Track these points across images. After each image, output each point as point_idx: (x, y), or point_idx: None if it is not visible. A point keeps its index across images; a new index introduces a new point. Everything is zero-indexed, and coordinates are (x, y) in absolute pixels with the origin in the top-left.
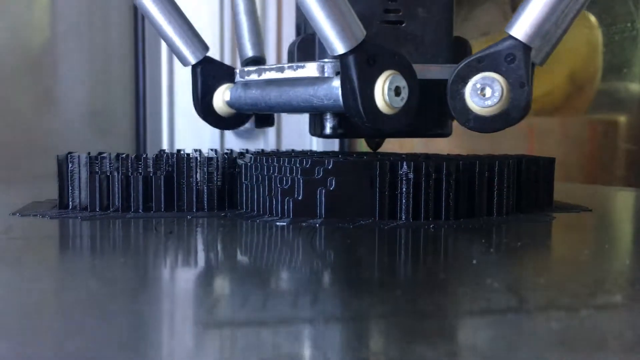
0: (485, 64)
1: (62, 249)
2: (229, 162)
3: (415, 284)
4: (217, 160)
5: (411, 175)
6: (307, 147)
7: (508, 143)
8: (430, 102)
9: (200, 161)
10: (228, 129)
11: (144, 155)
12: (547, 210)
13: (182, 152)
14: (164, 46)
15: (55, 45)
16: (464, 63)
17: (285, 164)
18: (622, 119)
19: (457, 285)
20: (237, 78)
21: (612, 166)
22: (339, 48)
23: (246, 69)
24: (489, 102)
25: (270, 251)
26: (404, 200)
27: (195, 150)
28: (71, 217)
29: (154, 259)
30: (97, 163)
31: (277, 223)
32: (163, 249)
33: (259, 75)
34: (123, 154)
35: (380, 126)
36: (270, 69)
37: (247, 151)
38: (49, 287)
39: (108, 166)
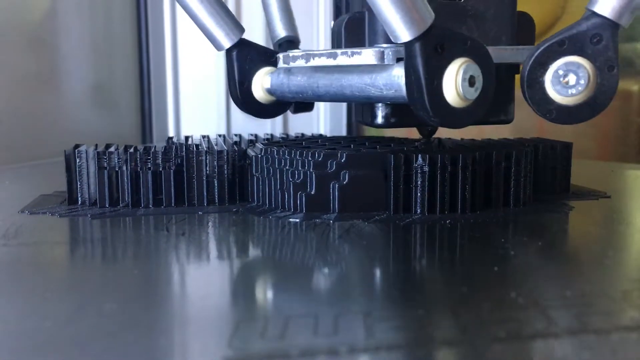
0: (567, 47)
1: (74, 262)
2: (239, 155)
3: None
4: (228, 153)
5: (426, 168)
6: (315, 128)
7: (519, 115)
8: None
9: (210, 154)
10: (268, 117)
11: (153, 149)
12: (564, 196)
13: (190, 143)
14: (166, 17)
15: (56, 19)
16: (542, 47)
17: (297, 157)
18: (635, 87)
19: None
20: (280, 64)
21: (625, 140)
22: (404, 35)
23: (291, 54)
24: (573, 91)
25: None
26: (419, 194)
27: (204, 137)
28: (81, 215)
29: (169, 273)
30: (105, 158)
31: (290, 219)
32: (177, 258)
33: (307, 61)
34: (131, 146)
35: (450, 121)
36: (321, 55)
37: (257, 137)
38: (61, 314)
39: (116, 160)
